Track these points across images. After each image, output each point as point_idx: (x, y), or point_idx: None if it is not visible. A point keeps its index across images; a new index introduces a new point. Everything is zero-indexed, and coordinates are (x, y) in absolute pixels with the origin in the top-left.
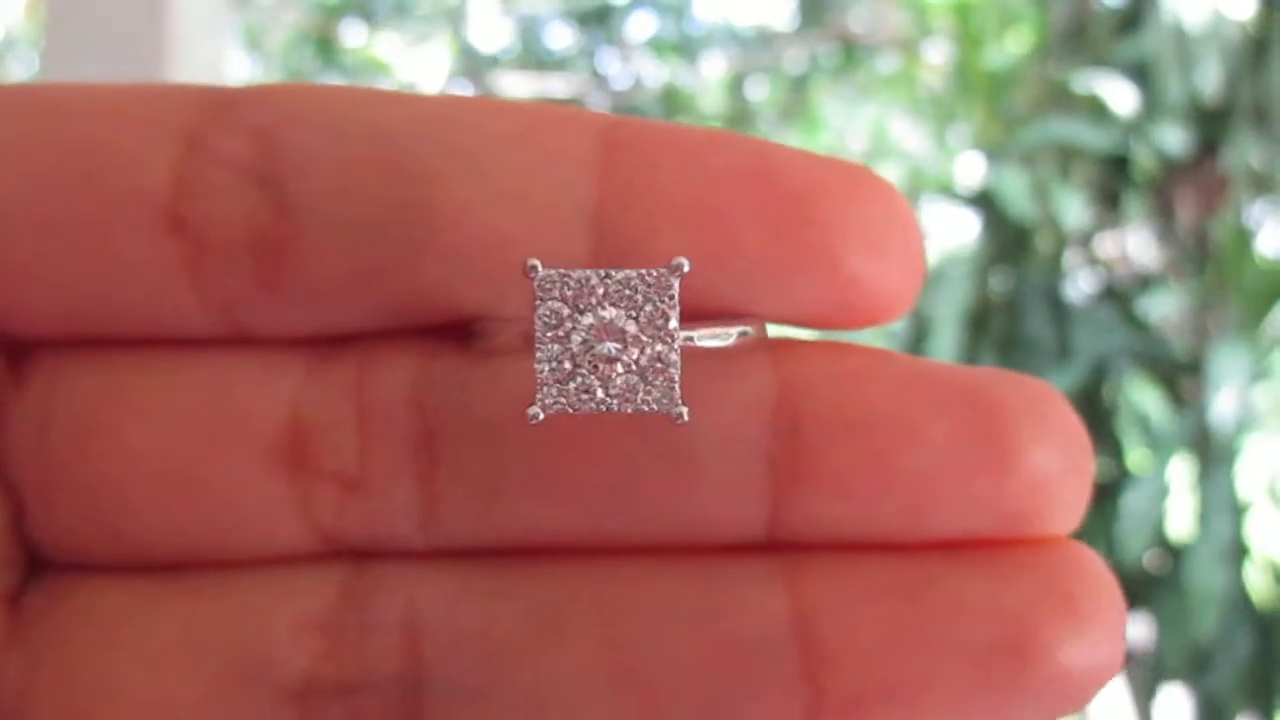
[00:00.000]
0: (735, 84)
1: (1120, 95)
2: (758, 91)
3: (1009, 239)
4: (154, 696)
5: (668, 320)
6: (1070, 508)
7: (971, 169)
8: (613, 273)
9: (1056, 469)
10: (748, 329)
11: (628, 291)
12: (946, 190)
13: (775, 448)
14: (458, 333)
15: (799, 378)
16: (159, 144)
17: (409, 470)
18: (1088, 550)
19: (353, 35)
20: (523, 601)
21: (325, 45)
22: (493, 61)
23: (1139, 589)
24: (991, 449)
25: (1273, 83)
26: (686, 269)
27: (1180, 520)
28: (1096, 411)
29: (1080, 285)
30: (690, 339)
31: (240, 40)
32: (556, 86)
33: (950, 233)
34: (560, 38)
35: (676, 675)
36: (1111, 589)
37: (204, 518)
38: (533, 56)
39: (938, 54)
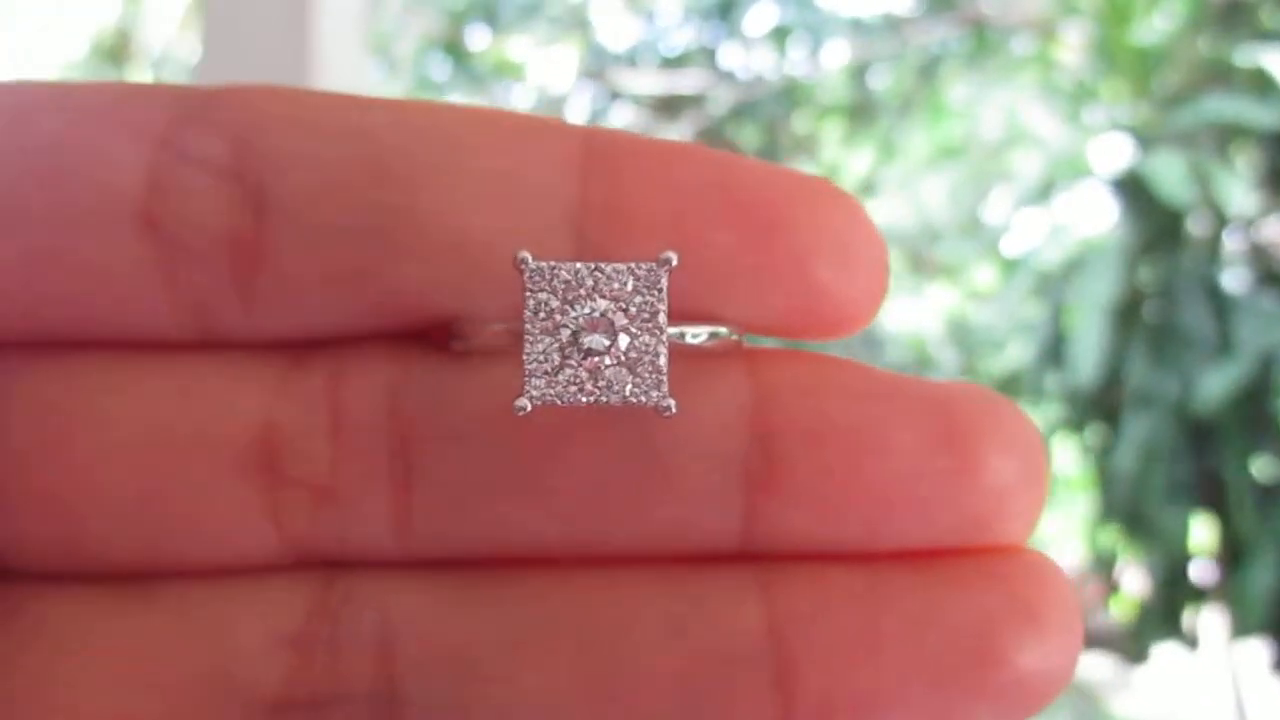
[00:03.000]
0: (858, 73)
1: None
2: (881, 80)
3: (1158, 225)
4: (117, 714)
5: (657, 313)
6: (1028, 516)
7: (1113, 152)
8: (603, 265)
9: (1015, 478)
10: (724, 329)
11: (617, 284)
12: (1085, 175)
13: (750, 457)
14: (434, 337)
15: (773, 388)
16: (130, 143)
17: (383, 477)
18: (1047, 559)
19: (478, 40)
20: (497, 613)
21: (454, 50)
22: (619, 60)
23: None
24: (954, 457)
25: None
26: (675, 263)
27: None
28: (1260, 410)
29: (1241, 274)
30: (681, 335)
31: (369, 48)
32: (680, 83)
33: (1089, 219)
34: (683, 34)
35: (652, 687)
36: (1069, 596)
37: (170, 527)
38: (657, 54)
39: (1076, 34)
